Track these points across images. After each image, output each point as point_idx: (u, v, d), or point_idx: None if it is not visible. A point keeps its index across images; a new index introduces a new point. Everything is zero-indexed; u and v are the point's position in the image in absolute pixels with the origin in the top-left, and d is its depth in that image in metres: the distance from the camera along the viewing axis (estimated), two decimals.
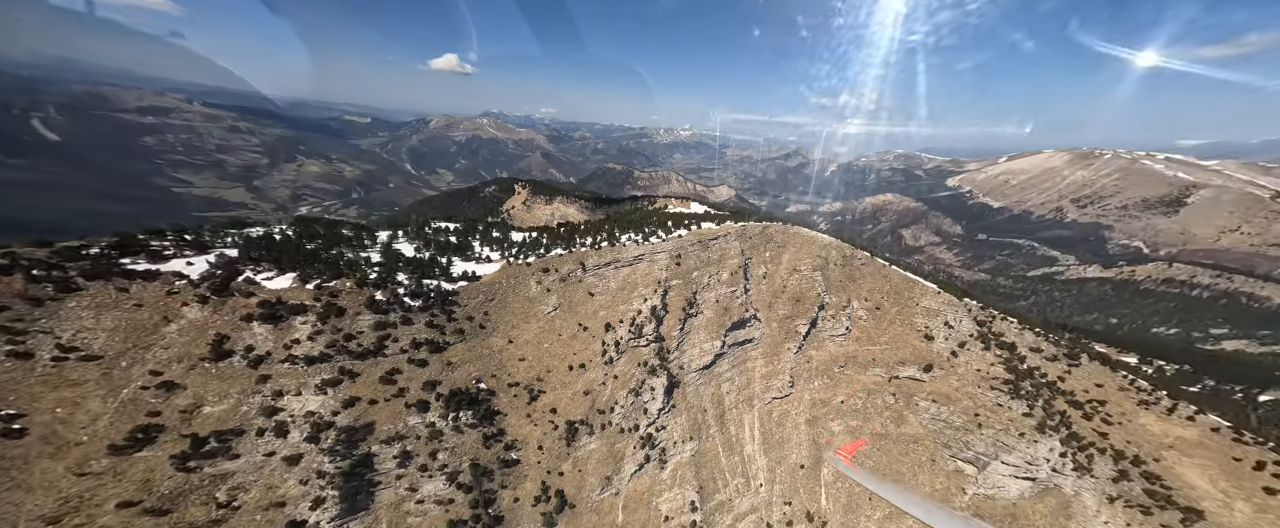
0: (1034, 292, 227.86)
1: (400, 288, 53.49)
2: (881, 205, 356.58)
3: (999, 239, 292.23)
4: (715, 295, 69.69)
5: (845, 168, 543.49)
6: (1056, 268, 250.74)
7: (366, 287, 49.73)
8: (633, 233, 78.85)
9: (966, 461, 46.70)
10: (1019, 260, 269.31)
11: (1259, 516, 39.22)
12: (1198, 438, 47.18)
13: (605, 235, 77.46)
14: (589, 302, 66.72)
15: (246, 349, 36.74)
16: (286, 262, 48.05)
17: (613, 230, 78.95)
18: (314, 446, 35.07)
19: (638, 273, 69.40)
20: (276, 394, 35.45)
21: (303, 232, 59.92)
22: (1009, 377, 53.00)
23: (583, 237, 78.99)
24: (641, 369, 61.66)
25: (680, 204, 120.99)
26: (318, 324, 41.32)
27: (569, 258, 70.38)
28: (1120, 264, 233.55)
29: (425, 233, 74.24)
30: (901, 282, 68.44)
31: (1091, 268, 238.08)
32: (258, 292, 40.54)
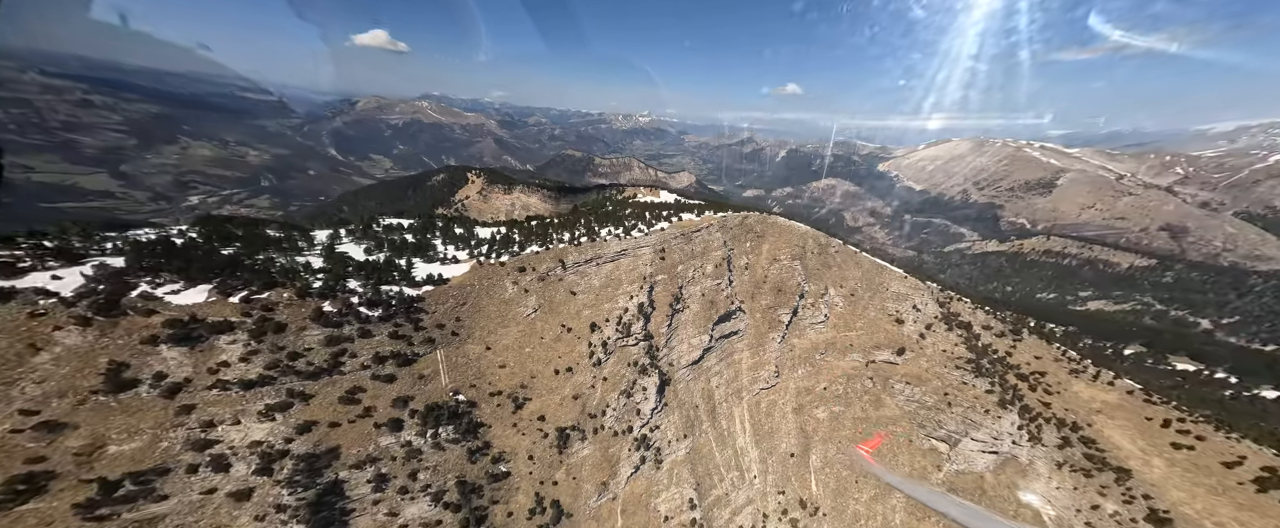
0: (949, 265, 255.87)
1: (354, 297, 45.88)
2: (826, 189, 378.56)
3: (921, 219, 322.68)
4: (701, 289, 67.97)
5: (792, 154, 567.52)
6: (964, 243, 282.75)
7: (311, 297, 41.96)
8: (612, 227, 74.43)
9: (940, 439, 49.65)
10: (936, 238, 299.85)
11: (1171, 469, 45.66)
12: (1118, 401, 54.12)
13: (584, 230, 72.38)
14: (571, 301, 62.09)
15: (156, 377, 30.75)
16: (195, 271, 39.08)
17: (591, 225, 73.96)
18: (267, 477, 30.84)
19: (621, 269, 65.57)
20: (206, 425, 30.32)
21: (212, 233, 48.75)
22: (970, 356, 57.01)
23: (558, 231, 73.20)
24: (632, 369, 58.80)
25: (649, 193, 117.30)
26: (251, 343, 34.99)
27: (547, 255, 64.82)
28: (1011, 239, 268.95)
29: (375, 231, 64.49)
30: (871, 267, 71.09)
31: (990, 243, 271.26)
32: (161, 309, 33.32)
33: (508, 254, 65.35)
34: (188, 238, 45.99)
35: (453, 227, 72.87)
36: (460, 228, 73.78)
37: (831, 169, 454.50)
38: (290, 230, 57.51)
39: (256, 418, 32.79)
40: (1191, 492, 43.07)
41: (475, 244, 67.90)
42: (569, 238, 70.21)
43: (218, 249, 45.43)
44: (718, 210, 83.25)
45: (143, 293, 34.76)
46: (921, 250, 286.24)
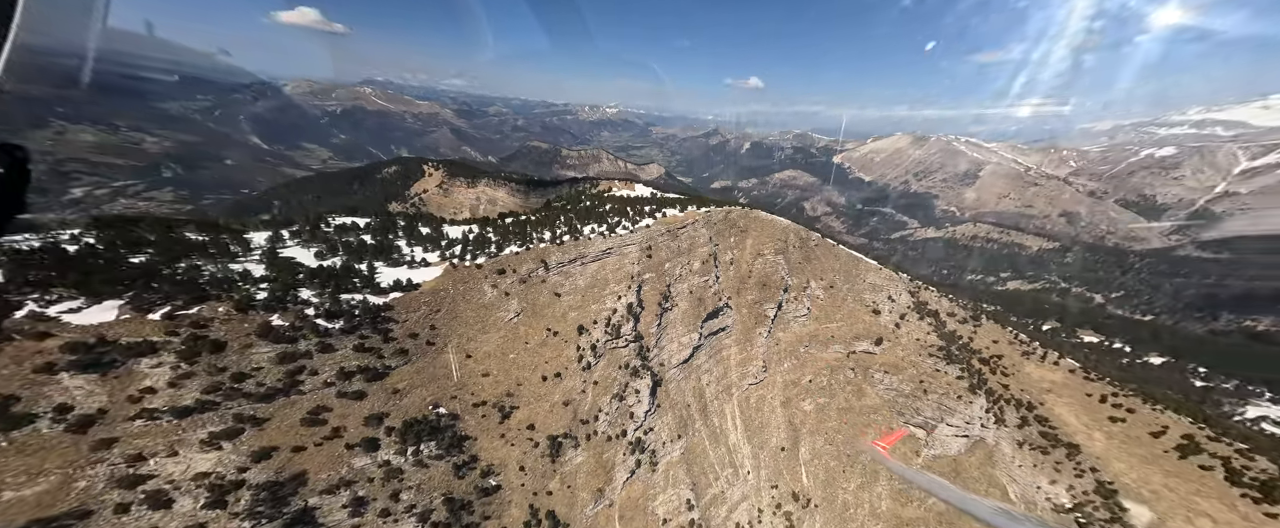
0: (895, 251, 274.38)
1: (308, 308, 40.10)
2: (787, 180, 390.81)
3: (870, 208, 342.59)
4: (688, 286, 66.38)
5: (755, 146, 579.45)
6: (907, 231, 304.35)
7: (254, 310, 36.14)
8: (595, 224, 70.80)
9: (918, 425, 51.92)
10: (884, 225, 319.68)
11: (1109, 441, 50.69)
12: (1063, 380, 59.41)
13: (566, 228, 68.23)
14: (556, 304, 58.44)
15: (59, 410, 26.52)
16: (99, 284, 32.44)
17: (573, 222, 69.86)
18: (221, 511, 27.75)
19: (607, 268, 62.44)
20: (134, 459, 26.58)
21: (116, 237, 40.23)
22: (941, 343, 60.00)
23: (537, 229, 68.54)
24: (623, 371, 56.46)
25: (625, 186, 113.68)
26: (181, 366, 30.10)
27: (527, 256, 60.39)
28: (946, 225, 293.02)
29: (325, 233, 56.83)
30: (847, 259, 72.90)
31: (929, 230, 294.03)
32: (58, 331, 28.08)
33: (484, 255, 60.22)
34: (84, 244, 37.63)
35: (417, 225, 66.01)
36: (426, 227, 67.06)
37: (792, 161, 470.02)
38: (218, 232, 48.75)
39: (199, 448, 28.99)
40: (1129, 462, 48.04)
41: (446, 245, 61.99)
42: (551, 237, 65.84)
43: (125, 257, 37.67)
44: (701, 205, 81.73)
45: (31, 313, 28.91)
46: (871, 238, 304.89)
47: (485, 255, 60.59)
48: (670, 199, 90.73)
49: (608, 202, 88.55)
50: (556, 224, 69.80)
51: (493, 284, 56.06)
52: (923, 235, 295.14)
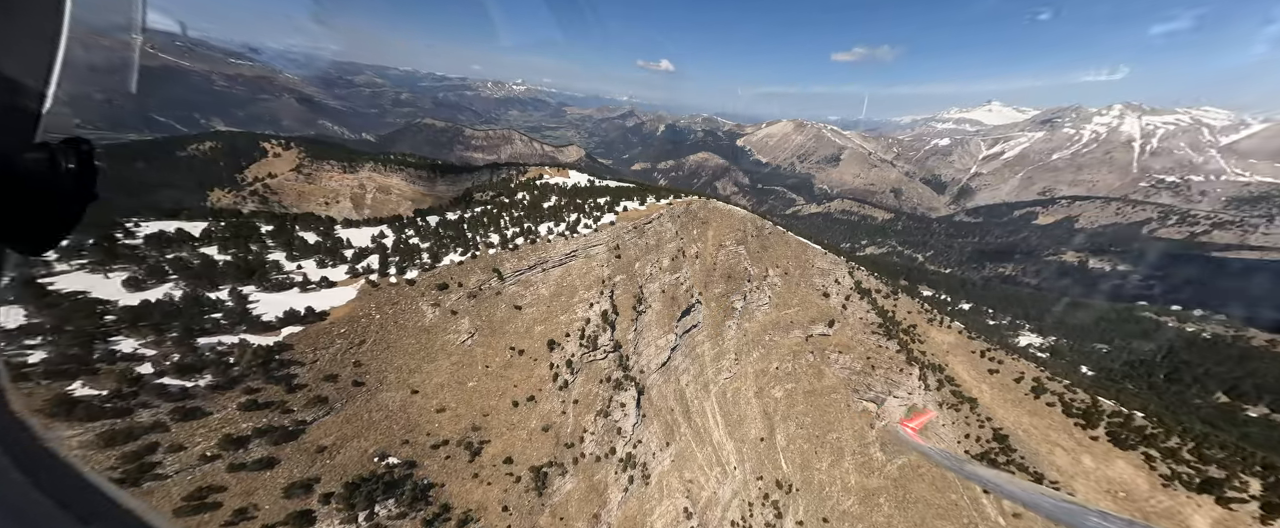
0: (790, 226, 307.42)
1: (140, 364, 26.38)
2: (701, 162, 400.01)
3: (767, 187, 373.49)
4: (660, 285, 60.84)
5: (670, 128, 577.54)
6: (796, 207, 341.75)
7: (34, 381, 22.34)
8: (552, 223, 59.96)
9: (870, 400, 56.52)
10: (779, 203, 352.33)
11: (993, 392, 62.04)
12: (955, 341, 70.81)
13: (518, 229, 56.35)
14: (517, 318, 48.37)
15: None
16: None
17: (524, 221, 57.97)
18: None
19: (573, 273, 53.41)
20: None
21: None
22: (880, 320, 65.82)
23: (478, 231, 55.54)
24: (605, 385, 49.72)
25: (557, 173, 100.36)
26: None
27: (474, 265, 48.36)
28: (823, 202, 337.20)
29: (133, 249, 36.59)
30: (797, 246, 75.04)
31: (812, 206, 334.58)
32: None
33: (416, 267, 46.43)
34: None
35: (294, 230, 47.71)
36: (310, 231, 49.10)
37: (703, 144, 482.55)
38: None
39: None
40: (1006, 409, 59.39)
41: (354, 256, 46.20)
42: (500, 240, 53.76)
43: None
44: (659, 196, 75.39)
45: None
46: (768, 216, 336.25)
47: (417, 267, 46.75)
48: (624, 189, 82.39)
49: (547, 192, 76.71)
50: (501, 224, 57.35)
51: (433, 303, 43.63)
52: (808, 211, 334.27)
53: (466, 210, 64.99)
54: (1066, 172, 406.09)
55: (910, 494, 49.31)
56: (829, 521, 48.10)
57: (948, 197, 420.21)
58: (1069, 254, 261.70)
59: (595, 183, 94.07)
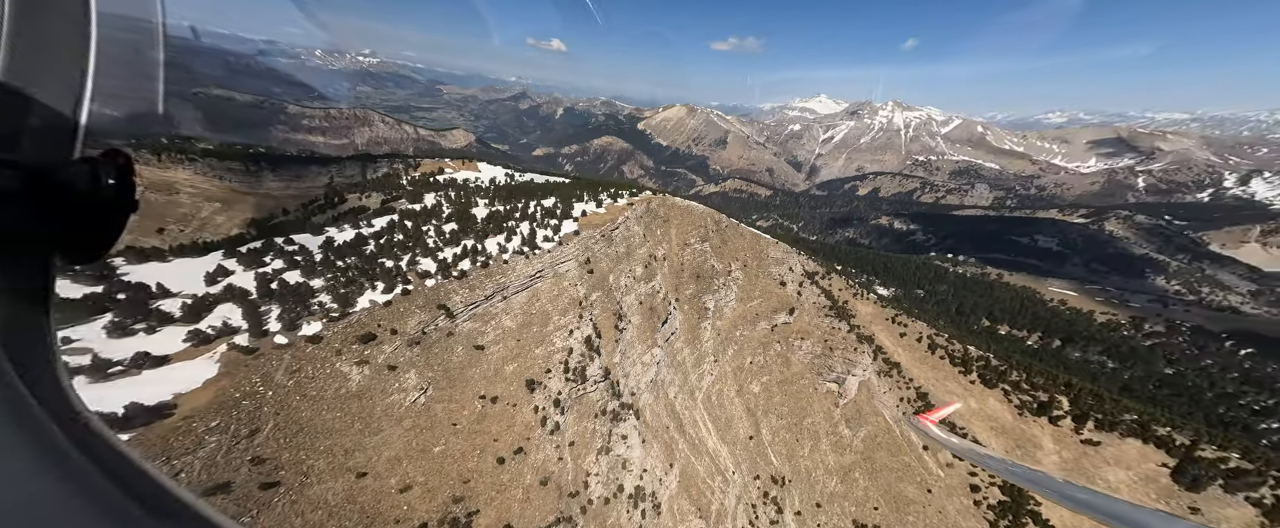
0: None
1: None
2: (606, 146, 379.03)
3: (669, 170, 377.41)
4: (636, 297, 52.30)
5: (569, 112, 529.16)
6: (697, 188, 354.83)
7: None
8: (503, 239, 45.99)
9: (833, 381, 59.07)
10: (681, 185, 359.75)
11: (906, 354, 71.01)
12: (874, 311, 79.14)
13: (460, 250, 41.58)
14: (481, 360, 36.33)
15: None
16: None
17: (461, 237, 43.05)
18: None
19: (542, 297, 41.99)
20: None
21: None
22: (829, 303, 68.89)
23: (396, 255, 39.57)
24: (602, 419, 41.06)
25: (464, 167, 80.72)
26: None
27: (408, 304, 34.11)
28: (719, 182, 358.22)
29: None
30: (751, 237, 73.38)
31: (710, 186, 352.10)
32: None
33: (315, 318, 30.67)
34: None
35: (57, 269, 27.22)
36: (87, 283, 28.68)
37: (605, 127, 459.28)
38: None
39: None
40: (919, 368, 68.66)
41: (191, 312, 28.44)
42: (438, 267, 39.02)
43: None
44: (614, 195, 64.87)
45: None
46: (676, 196, 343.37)
47: (317, 317, 30.89)
48: (564, 187, 69.32)
49: (467, 193, 60.49)
50: (429, 243, 41.93)
51: (358, 360, 29.41)
52: (708, 191, 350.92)
53: (362, 224, 46.08)
54: (868, 152, 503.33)
55: (876, 463, 53.14)
56: (822, 505, 48.97)
57: (803, 174, 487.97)
58: (883, 218, 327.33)
59: (519, 178, 78.18)
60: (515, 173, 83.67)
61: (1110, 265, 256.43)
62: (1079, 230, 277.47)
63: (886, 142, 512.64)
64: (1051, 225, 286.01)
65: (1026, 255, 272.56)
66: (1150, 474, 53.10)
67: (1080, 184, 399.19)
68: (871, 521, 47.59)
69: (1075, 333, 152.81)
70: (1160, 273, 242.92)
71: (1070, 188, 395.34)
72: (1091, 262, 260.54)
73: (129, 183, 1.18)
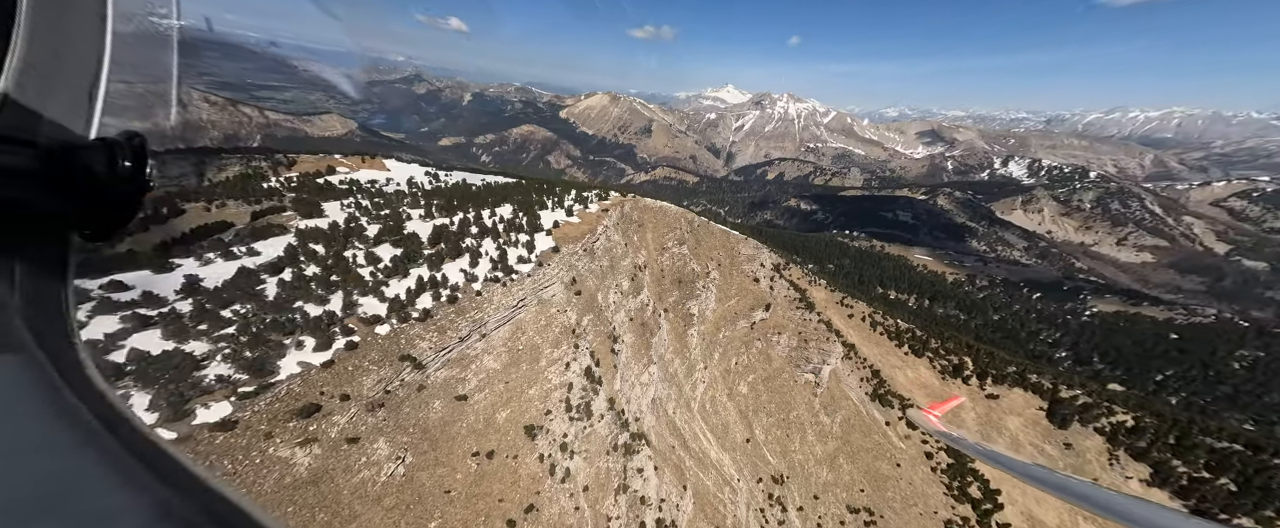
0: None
1: None
2: (527, 135, 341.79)
3: (598, 159, 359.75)
4: (627, 314, 44.94)
5: (479, 98, 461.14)
6: (628, 176, 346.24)
7: None
8: (467, 264, 34.71)
9: (810, 372, 59.93)
10: (612, 174, 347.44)
11: (856, 334, 75.87)
12: (825, 296, 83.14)
13: (416, 285, 29.94)
14: (466, 412, 27.39)
15: None
16: None
17: (408, 266, 31.23)
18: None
19: (528, 329, 33.12)
20: None
21: None
22: (798, 295, 69.49)
23: (317, 298, 27.09)
24: (615, 455, 34.62)
25: (368, 165, 62.86)
26: None
27: (359, 359, 23.40)
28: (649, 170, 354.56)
29: None
30: (721, 235, 69.95)
31: (641, 175, 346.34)
32: None
33: (223, 399, 18.45)
34: None
35: None
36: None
37: (525, 116, 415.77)
38: None
39: None
40: (868, 347, 73.98)
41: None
42: (390, 309, 27.58)
43: None
44: (581, 198, 54.98)
45: None
46: (603, 183, 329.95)
47: (224, 395, 18.71)
48: (514, 187, 57.26)
49: (388, 205, 46.59)
50: (365, 276, 29.79)
51: (303, 440, 18.70)
52: (639, 179, 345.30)
53: (239, 251, 30.93)
54: (772, 140, 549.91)
55: (854, 446, 55.43)
56: (819, 497, 49.26)
57: (722, 160, 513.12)
58: (792, 201, 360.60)
59: (448, 179, 63.45)
60: (439, 172, 67.53)
61: (945, 233, 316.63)
62: (922, 205, 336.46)
63: (785, 130, 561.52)
64: (906, 202, 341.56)
65: (892, 228, 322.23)
66: (1033, 418, 64.80)
67: (915, 167, 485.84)
68: (861, 502, 49.35)
69: (938, 293, 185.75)
70: (974, 237, 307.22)
71: (909, 170, 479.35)
72: (934, 231, 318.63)
73: (143, 162, 1.19)
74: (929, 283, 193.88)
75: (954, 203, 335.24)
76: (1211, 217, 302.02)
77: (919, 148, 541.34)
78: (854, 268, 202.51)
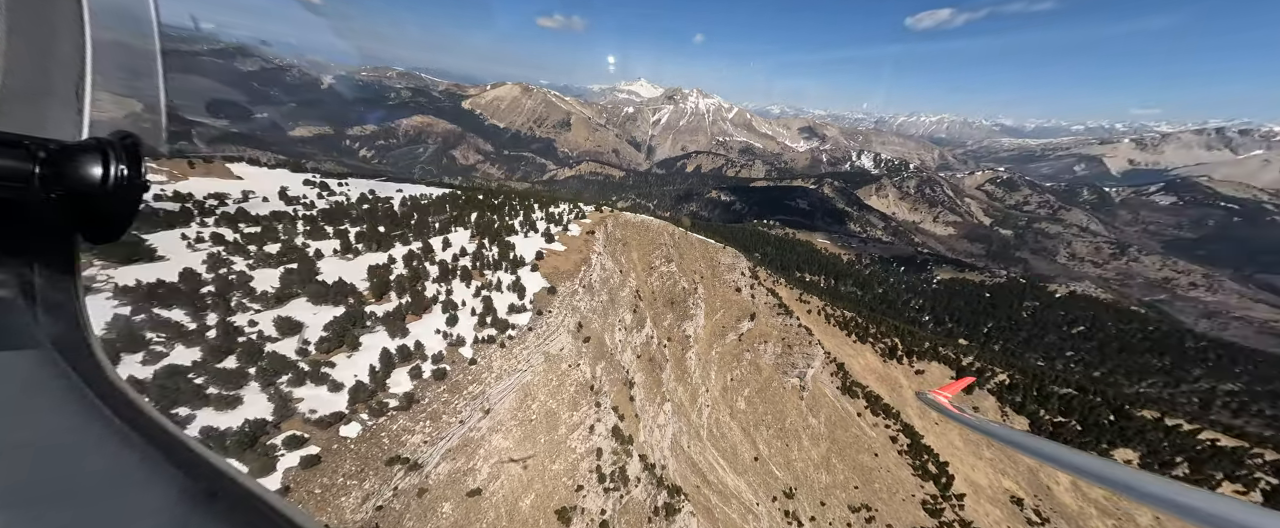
0: (553, 193, 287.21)
1: None
2: (425, 127, 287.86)
3: (514, 154, 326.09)
4: (633, 351, 38.69)
5: (348, 82, 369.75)
6: (551, 172, 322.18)
7: None
8: (442, 322, 24.61)
9: (796, 376, 61.56)
10: (532, 169, 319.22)
11: (816, 327, 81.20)
12: (788, 294, 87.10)
13: (390, 358, 19.57)
14: (483, 509, 20.38)
15: None
16: None
17: (353, 335, 20.68)
18: None
19: (539, 393, 26.05)
20: None
21: None
22: (777, 300, 70.53)
23: (212, 388, 15.97)
24: (659, 521, 30.01)
25: (208, 172, 44.60)
26: None
27: (333, 474, 14.85)
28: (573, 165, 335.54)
29: None
30: (700, 245, 66.59)
31: (565, 170, 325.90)
32: None
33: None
34: None
35: None
36: None
37: (418, 106, 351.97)
38: None
39: None
40: (828, 340, 79.73)
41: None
42: (350, 398, 17.59)
43: None
44: (548, 215, 45.72)
45: None
46: (524, 181, 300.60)
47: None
48: (438, 204, 45.60)
49: (255, 225, 33.53)
50: (288, 361, 18.83)
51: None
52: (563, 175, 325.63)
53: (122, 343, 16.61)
54: (687, 133, 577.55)
55: (840, 443, 58.70)
56: (825, 503, 50.57)
57: (643, 154, 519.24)
58: (713, 192, 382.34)
59: (344, 190, 48.30)
60: (328, 180, 50.55)
61: (832, 218, 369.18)
62: (814, 194, 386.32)
63: (697, 125, 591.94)
64: (802, 191, 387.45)
65: (795, 215, 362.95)
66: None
67: (801, 159, 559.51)
68: (858, 500, 52.27)
69: (839, 272, 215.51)
70: (851, 221, 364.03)
71: (797, 162, 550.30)
72: (824, 216, 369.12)
73: (139, 164, 1.18)
74: (832, 265, 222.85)
75: (835, 191, 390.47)
76: (978, 198, 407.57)
77: (801, 142, 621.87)
78: (777, 255, 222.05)
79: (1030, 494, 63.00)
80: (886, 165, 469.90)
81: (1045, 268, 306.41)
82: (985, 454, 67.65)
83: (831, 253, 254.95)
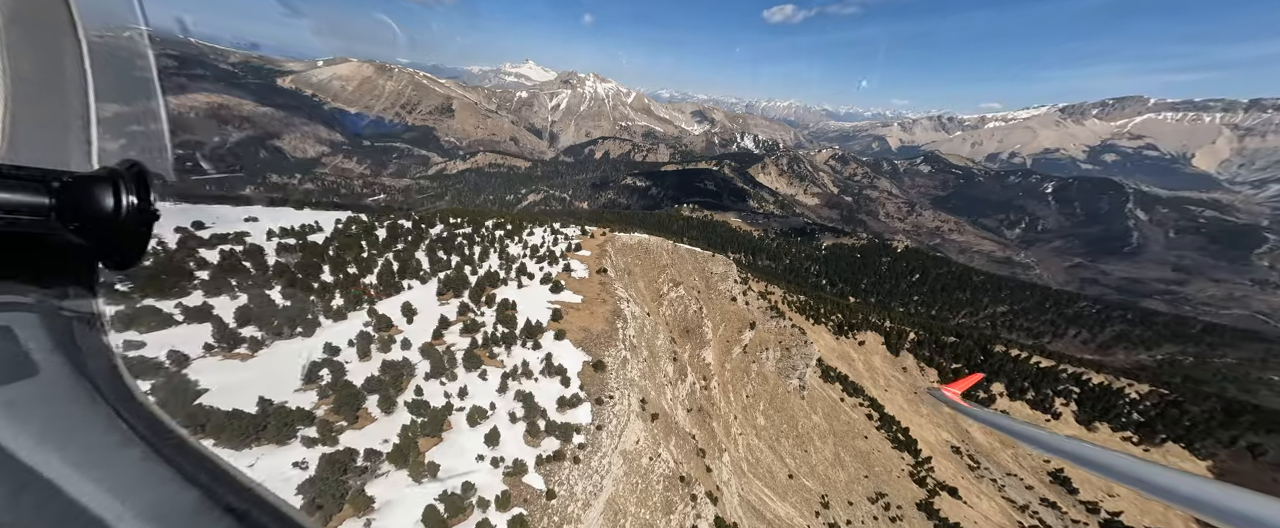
0: (447, 190, 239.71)
1: None
2: (224, 111, 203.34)
3: (382, 145, 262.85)
4: (683, 409, 31.37)
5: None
6: (437, 165, 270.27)
7: None
8: (481, 442, 13.68)
9: (796, 378, 62.16)
10: (410, 162, 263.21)
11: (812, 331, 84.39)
12: (760, 288, 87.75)
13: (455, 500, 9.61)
14: None
15: None
16: None
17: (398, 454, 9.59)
18: None
19: (628, 501, 18.86)
20: None
21: None
22: (769, 303, 69.23)
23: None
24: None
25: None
26: None
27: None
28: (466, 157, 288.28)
29: None
30: (689, 256, 60.17)
31: (457, 162, 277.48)
32: None
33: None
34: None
35: None
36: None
37: (202, 79, 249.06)
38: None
39: None
40: (818, 340, 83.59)
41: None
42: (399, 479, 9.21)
43: None
44: (540, 254, 33.96)
45: None
46: (402, 176, 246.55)
47: None
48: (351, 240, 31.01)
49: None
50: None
51: None
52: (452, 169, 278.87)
53: None
54: (589, 119, 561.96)
55: (839, 434, 61.60)
56: (852, 503, 52.13)
57: (546, 141, 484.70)
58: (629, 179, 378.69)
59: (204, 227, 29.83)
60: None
61: (735, 197, 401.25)
62: (718, 175, 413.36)
63: (598, 110, 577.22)
64: (707, 173, 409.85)
65: (706, 197, 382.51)
66: (884, 354, 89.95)
67: (697, 142, 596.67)
68: (871, 489, 55.49)
69: (756, 248, 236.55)
70: (751, 198, 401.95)
71: (695, 145, 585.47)
72: (729, 196, 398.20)
73: (148, 192, 1.22)
74: (748, 242, 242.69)
75: (733, 171, 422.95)
76: (827, 171, 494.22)
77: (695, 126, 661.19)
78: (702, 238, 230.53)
79: (960, 441, 76.83)
80: (763, 146, 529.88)
81: (877, 227, 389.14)
82: (922, 411, 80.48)
83: (744, 230, 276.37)
